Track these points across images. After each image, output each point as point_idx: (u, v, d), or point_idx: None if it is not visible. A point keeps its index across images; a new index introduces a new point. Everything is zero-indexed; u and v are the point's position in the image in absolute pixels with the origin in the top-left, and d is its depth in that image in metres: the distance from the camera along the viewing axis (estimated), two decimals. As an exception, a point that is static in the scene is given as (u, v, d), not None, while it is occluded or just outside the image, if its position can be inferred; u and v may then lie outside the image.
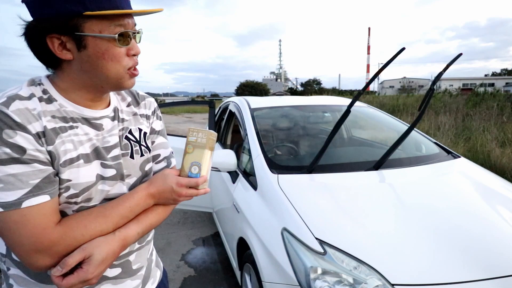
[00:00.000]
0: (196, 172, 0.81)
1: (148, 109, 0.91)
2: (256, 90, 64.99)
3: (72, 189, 0.69)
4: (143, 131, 0.87)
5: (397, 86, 62.85)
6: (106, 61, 0.69)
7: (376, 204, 1.61)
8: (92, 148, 0.73)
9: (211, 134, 0.83)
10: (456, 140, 6.07)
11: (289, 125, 2.74)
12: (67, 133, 0.69)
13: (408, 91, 31.99)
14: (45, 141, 0.65)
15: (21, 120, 0.62)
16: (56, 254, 0.65)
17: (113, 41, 0.68)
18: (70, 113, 0.71)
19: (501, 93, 13.69)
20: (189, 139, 0.83)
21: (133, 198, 0.76)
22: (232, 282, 2.46)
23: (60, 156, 0.67)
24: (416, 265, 1.26)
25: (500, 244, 1.37)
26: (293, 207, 1.55)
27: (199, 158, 0.82)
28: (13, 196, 0.60)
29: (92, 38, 0.67)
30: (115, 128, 0.80)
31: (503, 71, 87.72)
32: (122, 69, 0.71)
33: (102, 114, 0.77)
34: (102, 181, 0.74)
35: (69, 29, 0.66)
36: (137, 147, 0.84)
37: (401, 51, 1.81)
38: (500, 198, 1.76)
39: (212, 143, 0.84)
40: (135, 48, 0.73)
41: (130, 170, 0.81)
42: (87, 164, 0.71)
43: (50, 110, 0.68)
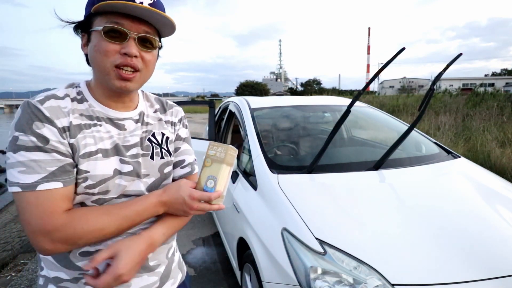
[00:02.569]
0: (211, 186, 0.80)
1: (174, 117, 0.98)
2: (256, 90, 64.97)
3: (90, 180, 0.75)
4: (166, 136, 0.92)
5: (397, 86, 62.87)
6: (96, 53, 0.75)
7: (376, 204, 1.61)
8: (113, 145, 0.79)
9: (231, 150, 0.82)
10: (456, 140, 6.07)
11: (289, 125, 2.74)
12: (90, 130, 0.77)
13: (408, 91, 31.99)
14: (69, 134, 0.73)
15: (50, 115, 0.71)
16: (56, 240, 0.69)
17: (100, 34, 0.73)
18: (97, 112, 0.80)
19: (501, 93, 13.69)
20: (209, 152, 0.83)
21: (143, 202, 0.78)
22: (232, 282, 2.46)
23: (80, 148, 0.74)
24: (416, 265, 1.26)
25: (500, 244, 1.37)
26: (293, 207, 1.55)
27: (215, 172, 0.81)
28: (31, 179, 0.68)
29: (94, 33, 0.75)
30: (137, 129, 0.86)
31: (503, 71, 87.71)
32: (109, 64, 0.74)
33: (126, 116, 0.85)
34: (119, 176, 0.79)
35: (86, 27, 0.77)
36: (158, 149, 0.89)
37: (401, 51, 1.81)
38: (500, 198, 1.76)
39: (231, 159, 0.82)
40: (128, 47, 0.74)
41: (149, 170, 0.86)
42: (105, 159, 0.77)
43: (79, 109, 0.77)
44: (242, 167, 2.25)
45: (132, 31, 0.74)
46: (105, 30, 0.72)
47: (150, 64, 0.80)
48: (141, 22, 0.76)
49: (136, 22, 0.75)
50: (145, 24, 0.76)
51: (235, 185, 2.19)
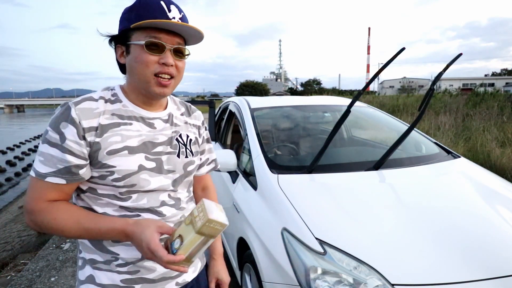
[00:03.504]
0: (176, 247, 0.73)
1: (198, 120, 1.09)
2: (256, 90, 64.92)
3: (116, 174, 0.84)
4: (190, 137, 1.02)
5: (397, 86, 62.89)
6: (137, 64, 0.84)
7: (376, 204, 1.60)
8: (141, 142, 0.88)
9: (211, 222, 0.72)
10: (456, 140, 6.07)
11: (289, 125, 2.74)
12: (119, 128, 0.85)
13: (408, 91, 31.98)
14: (95, 134, 0.82)
15: (77, 116, 0.80)
16: (30, 220, 0.84)
17: (141, 47, 0.83)
18: (130, 112, 0.89)
19: (501, 93, 13.68)
20: (193, 210, 0.76)
21: (109, 224, 0.82)
22: (232, 282, 2.46)
23: (107, 146, 0.83)
24: (416, 265, 1.26)
25: (500, 244, 1.37)
26: (293, 207, 1.55)
27: (185, 236, 0.73)
28: (44, 169, 0.81)
29: (133, 45, 0.85)
30: (166, 129, 0.95)
31: (503, 71, 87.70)
32: (149, 73, 0.84)
33: (156, 116, 0.93)
34: (144, 171, 0.87)
35: (124, 40, 0.87)
36: (184, 149, 0.98)
37: (401, 51, 1.81)
38: (500, 198, 1.76)
39: (210, 231, 0.73)
40: (166, 58, 0.85)
41: (175, 167, 0.95)
42: (130, 155, 0.85)
43: (111, 109, 0.87)
44: (242, 167, 2.25)
45: (168, 44, 0.85)
46: (147, 44, 0.83)
47: (182, 71, 0.91)
48: (175, 35, 0.86)
49: (171, 35, 0.85)
50: (177, 37, 0.87)
51: (235, 185, 2.19)
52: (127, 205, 0.87)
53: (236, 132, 3.40)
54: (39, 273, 2.72)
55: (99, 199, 0.88)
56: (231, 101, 3.19)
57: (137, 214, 0.89)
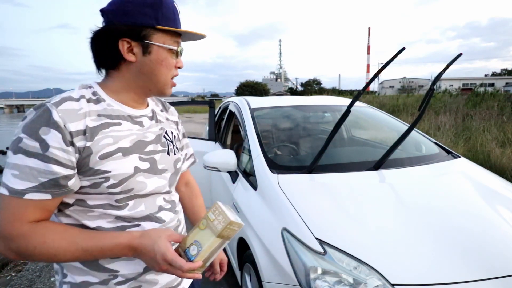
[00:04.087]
0: (193, 254, 0.71)
1: (174, 116, 1.07)
2: (256, 90, 64.92)
3: (112, 179, 0.76)
4: (174, 134, 0.99)
5: (397, 86, 62.89)
6: (163, 67, 0.83)
7: (376, 204, 1.60)
8: (133, 142, 0.81)
9: (232, 224, 0.72)
10: (456, 140, 6.07)
11: (289, 125, 2.74)
12: (109, 129, 0.77)
13: (408, 91, 31.98)
14: (85, 138, 0.72)
15: (61, 119, 0.70)
16: (9, 248, 0.70)
17: (171, 52, 0.83)
18: (117, 111, 0.81)
19: (501, 93, 13.68)
20: (208, 214, 0.74)
21: (112, 240, 0.73)
22: (232, 282, 2.46)
23: (99, 150, 0.74)
24: (416, 265, 1.26)
25: (500, 244, 1.37)
26: (293, 207, 1.55)
27: (204, 241, 0.72)
28: (22, 185, 0.68)
29: (157, 47, 0.81)
30: (152, 126, 0.90)
31: (503, 71, 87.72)
32: (170, 76, 0.85)
33: (142, 113, 0.88)
34: (139, 173, 0.81)
35: (141, 37, 0.79)
36: (171, 146, 0.95)
37: (401, 51, 1.81)
38: (500, 198, 1.76)
39: (228, 233, 0.73)
40: (181, 62, 0.87)
41: (166, 165, 0.90)
42: (125, 157, 0.78)
43: (96, 109, 0.77)
44: (242, 167, 2.25)
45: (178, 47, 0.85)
46: (179, 50, 0.84)
47: None
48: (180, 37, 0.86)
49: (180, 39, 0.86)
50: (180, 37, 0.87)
51: (235, 185, 2.19)
52: (123, 214, 0.80)
53: (236, 132, 3.40)
54: (39, 273, 2.72)
55: (90, 212, 0.78)
56: (231, 101, 3.19)
57: (136, 224, 0.82)
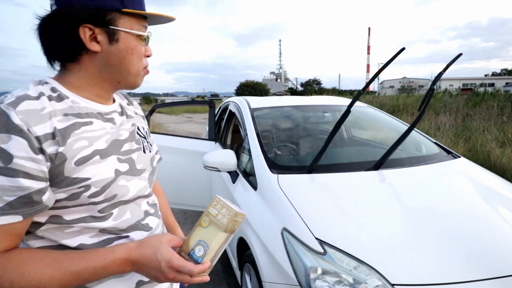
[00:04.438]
0: (200, 255, 0.66)
1: (140, 110, 0.95)
2: (256, 90, 64.95)
3: (93, 187, 0.66)
4: (145, 129, 0.89)
5: (397, 86, 62.92)
6: (133, 57, 0.72)
7: (376, 204, 1.61)
8: (108, 142, 0.71)
9: (237, 215, 0.68)
10: (456, 140, 6.07)
11: (289, 125, 2.74)
12: (80, 130, 0.66)
13: (408, 91, 31.99)
14: (55, 142, 0.61)
15: (24, 122, 0.58)
16: None
17: (140, 39, 0.73)
18: (84, 108, 0.70)
19: (501, 93, 13.68)
20: (210, 209, 0.69)
21: (105, 257, 0.63)
22: (232, 282, 2.46)
23: (74, 155, 0.63)
24: (416, 265, 1.26)
25: (500, 244, 1.37)
26: (293, 207, 1.55)
27: (210, 238, 0.67)
28: None
29: (124, 34, 0.70)
30: (124, 123, 0.80)
31: (503, 71, 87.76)
32: (141, 66, 0.75)
33: (112, 109, 0.78)
34: (120, 177, 0.72)
35: (105, 22, 0.67)
36: (146, 143, 0.85)
37: (401, 51, 1.81)
38: (500, 198, 1.76)
39: (234, 226, 0.69)
40: (150, 50, 0.77)
41: (144, 165, 0.81)
42: (103, 160, 0.68)
43: (61, 108, 0.65)
44: (242, 167, 2.25)
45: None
46: (146, 36, 0.74)
47: None
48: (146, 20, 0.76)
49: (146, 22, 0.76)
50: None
51: (235, 185, 2.19)
52: (108, 225, 0.70)
53: (236, 132, 3.40)
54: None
55: (67, 228, 0.67)
56: (231, 101, 3.20)
57: (125, 235, 0.73)
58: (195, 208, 3.07)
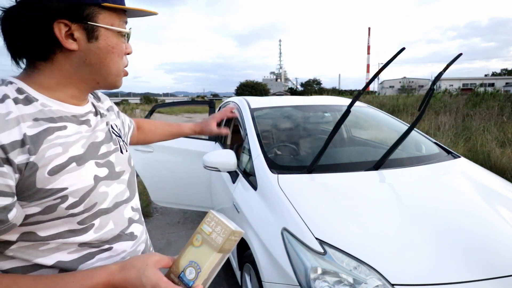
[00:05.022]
0: (191, 278, 0.59)
1: (107, 100, 0.87)
2: (256, 90, 64.98)
3: (71, 197, 0.60)
4: (118, 126, 0.85)
5: (397, 86, 62.94)
6: (114, 56, 0.67)
7: (376, 204, 1.60)
8: (85, 147, 0.65)
9: (234, 234, 0.62)
10: (456, 140, 6.07)
11: (289, 125, 2.74)
12: (54, 135, 0.60)
13: (408, 91, 32.00)
14: (26, 150, 0.54)
15: None
16: None
17: (121, 36, 0.68)
18: (57, 112, 0.63)
19: (501, 93, 13.69)
20: (202, 227, 0.63)
21: (81, 284, 0.57)
22: (232, 282, 2.46)
23: (46, 164, 0.57)
24: (416, 265, 1.26)
25: (500, 244, 1.37)
26: (293, 207, 1.55)
27: (202, 259, 0.60)
28: None
29: (105, 30, 0.64)
30: (99, 123, 0.74)
31: (503, 71, 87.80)
32: (122, 66, 0.70)
33: (87, 110, 0.72)
34: (100, 183, 0.66)
35: (83, 18, 0.61)
36: (122, 142, 0.80)
37: (401, 51, 1.81)
38: (500, 198, 1.76)
39: (230, 245, 0.63)
40: (130, 48, 0.72)
41: (123, 166, 0.76)
42: (80, 167, 0.62)
43: (30, 112, 0.58)
44: (242, 167, 2.25)
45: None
46: (128, 32, 0.69)
47: None
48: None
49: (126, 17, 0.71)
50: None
51: (235, 185, 2.19)
52: (89, 239, 0.64)
53: (236, 132, 3.40)
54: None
55: (42, 246, 0.60)
56: (231, 101, 3.20)
57: (108, 247, 0.67)
58: (195, 208, 3.07)
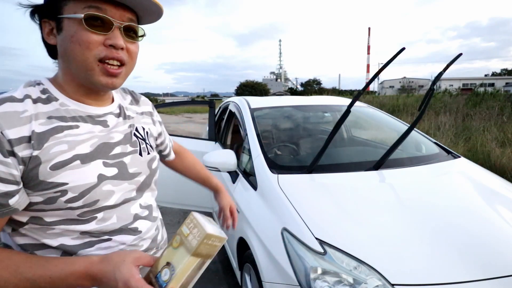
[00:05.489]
0: (165, 279, 0.59)
1: (147, 106, 0.92)
2: (256, 90, 65.03)
3: (70, 192, 0.64)
4: (145, 129, 0.85)
5: (397, 86, 62.94)
6: (73, 45, 0.63)
7: (376, 204, 1.60)
8: (94, 146, 0.69)
9: (210, 238, 0.60)
10: (456, 140, 6.07)
11: (289, 125, 2.74)
12: (63, 134, 0.65)
13: (408, 91, 32.00)
14: (31, 145, 0.60)
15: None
16: None
17: (79, 22, 0.62)
18: (72, 111, 0.68)
19: (501, 93, 13.68)
20: (182, 228, 0.62)
21: (64, 269, 0.60)
22: (232, 282, 2.46)
23: (50, 159, 0.62)
24: (416, 265, 1.25)
25: (500, 244, 1.37)
26: (293, 207, 1.55)
27: (177, 262, 0.59)
28: None
29: (66, 20, 0.63)
30: (119, 125, 0.76)
31: (503, 71, 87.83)
32: (91, 57, 0.64)
33: (106, 111, 0.75)
34: (106, 181, 0.69)
35: (54, 13, 0.65)
36: (144, 144, 0.82)
37: (401, 51, 1.81)
38: (500, 198, 1.76)
39: (209, 250, 0.61)
40: (114, 38, 0.65)
41: (139, 168, 0.78)
42: (85, 165, 0.66)
43: (46, 111, 0.64)
44: (242, 167, 2.25)
45: (117, 19, 0.65)
46: (86, 17, 0.62)
47: (135, 57, 0.71)
48: (125, 9, 0.67)
49: (120, 9, 0.66)
50: (128, 11, 0.67)
51: (235, 185, 2.19)
52: (90, 228, 0.68)
53: (236, 132, 3.40)
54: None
55: (49, 229, 0.66)
56: (231, 101, 3.20)
57: (107, 238, 0.71)
58: (195, 208, 3.07)
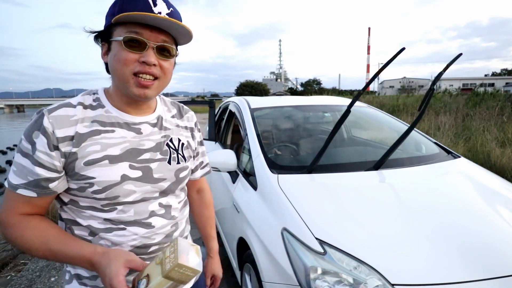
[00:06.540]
0: (141, 287, 0.66)
1: (191, 122, 1.03)
2: (256, 90, 64.98)
3: (96, 185, 0.78)
4: (182, 141, 0.96)
5: (397, 86, 62.92)
6: (115, 62, 0.78)
7: (376, 204, 1.60)
8: (124, 150, 0.82)
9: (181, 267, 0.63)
10: (456, 140, 6.07)
11: (289, 125, 2.74)
12: (99, 136, 0.79)
13: (408, 91, 31.99)
14: (72, 143, 0.76)
15: (51, 125, 0.74)
16: (2, 233, 0.78)
17: (120, 43, 0.77)
18: (113, 118, 0.82)
19: (501, 93, 13.68)
20: (166, 249, 0.68)
21: (77, 250, 0.75)
22: (232, 282, 2.46)
23: (84, 156, 0.77)
24: (416, 265, 1.26)
25: (500, 244, 1.37)
26: (293, 207, 1.55)
27: (153, 278, 0.65)
28: (16, 181, 0.76)
29: (114, 42, 0.79)
30: (153, 134, 0.88)
31: (503, 71, 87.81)
32: (128, 72, 0.78)
33: (142, 120, 0.87)
34: (128, 182, 0.81)
35: (107, 37, 0.80)
36: (175, 154, 0.92)
37: (401, 51, 1.81)
38: (500, 198, 1.76)
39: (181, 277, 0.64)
40: (146, 56, 0.77)
41: (165, 174, 0.89)
42: (112, 165, 0.79)
43: (92, 116, 0.80)
44: (242, 167, 2.25)
45: (151, 41, 0.78)
46: (125, 40, 0.76)
47: (168, 72, 0.83)
48: (160, 32, 0.79)
49: (155, 32, 0.78)
50: (163, 34, 0.79)
51: (235, 185, 2.19)
52: (111, 217, 0.82)
53: (236, 132, 3.40)
54: (39, 273, 2.72)
55: (82, 212, 0.82)
56: (231, 101, 3.19)
57: (122, 227, 0.83)
58: None
